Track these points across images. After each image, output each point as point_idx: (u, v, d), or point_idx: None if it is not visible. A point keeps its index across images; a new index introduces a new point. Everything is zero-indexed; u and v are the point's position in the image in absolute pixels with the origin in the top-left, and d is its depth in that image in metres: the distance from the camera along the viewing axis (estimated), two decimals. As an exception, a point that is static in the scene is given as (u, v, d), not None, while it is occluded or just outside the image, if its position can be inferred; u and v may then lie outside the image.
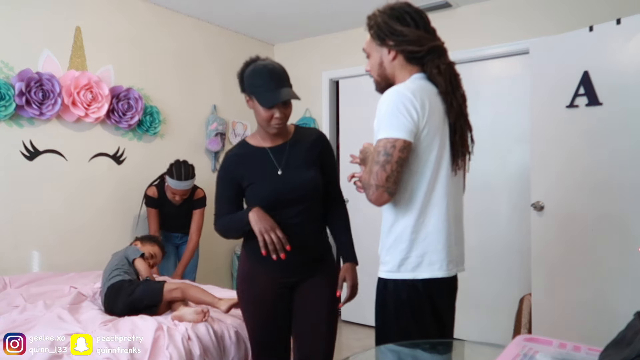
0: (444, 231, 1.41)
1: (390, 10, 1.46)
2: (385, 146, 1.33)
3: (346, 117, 4.13)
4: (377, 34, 1.47)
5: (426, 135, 1.37)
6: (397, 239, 1.42)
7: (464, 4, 3.44)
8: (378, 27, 1.46)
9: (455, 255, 1.46)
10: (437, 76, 1.43)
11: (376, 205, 1.40)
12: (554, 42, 2.77)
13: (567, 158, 2.71)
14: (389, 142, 1.33)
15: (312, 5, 3.54)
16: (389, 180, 1.34)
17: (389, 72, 1.49)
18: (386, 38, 1.45)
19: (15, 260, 2.75)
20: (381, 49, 1.48)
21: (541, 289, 2.80)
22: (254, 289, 1.74)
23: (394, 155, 1.32)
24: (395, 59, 1.46)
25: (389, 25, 1.44)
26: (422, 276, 1.39)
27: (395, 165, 1.33)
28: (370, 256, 3.71)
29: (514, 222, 3.30)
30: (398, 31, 1.43)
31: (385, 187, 1.34)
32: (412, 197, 1.40)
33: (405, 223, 1.41)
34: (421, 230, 1.40)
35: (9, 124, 2.71)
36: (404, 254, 1.40)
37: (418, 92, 1.37)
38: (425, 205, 1.40)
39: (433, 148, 1.39)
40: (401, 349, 1.37)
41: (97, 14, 3.12)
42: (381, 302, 1.46)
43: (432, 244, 1.40)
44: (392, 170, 1.33)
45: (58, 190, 2.94)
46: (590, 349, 1.04)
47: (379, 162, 1.34)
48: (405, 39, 1.42)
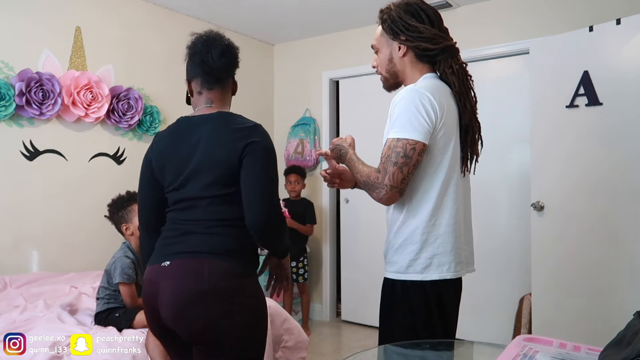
0: (453, 233, 1.41)
1: (406, 5, 1.44)
2: (405, 148, 1.31)
3: (346, 117, 4.13)
4: (390, 28, 1.45)
5: (442, 136, 1.37)
6: (406, 240, 1.41)
7: (464, 4, 3.44)
8: (392, 20, 1.44)
9: (463, 257, 1.45)
10: (450, 76, 1.42)
11: (385, 204, 1.40)
12: (554, 42, 2.77)
13: (567, 158, 2.71)
14: (409, 144, 1.31)
15: (312, 5, 3.53)
16: (404, 182, 1.33)
17: (398, 69, 1.48)
18: (400, 33, 1.43)
19: (15, 260, 2.75)
20: (392, 44, 1.46)
21: (541, 289, 2.80)
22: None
23: (413, 158, 1.31)
24: (405, 55, 1.45)
25: (404, 20, 1.42)
26: (431, 277, 1.38)
27: (413, 168, 1.33)
28: (370, 256, 3.72)
29: (514, 222, 3.30)
30: (413, 27, 1.41)
31: (399, 189, 1.34)
32: (424, 199, 1.39)
33: (416, 224, 1.40)
34: (432, 232, 1.39)
35: (9, 124, 2.71)
36: (413, 255, 1.39)
37: (437, 93, 1.36)
38: (437, 207, 1.39)
39: (448, 150, 1.39)
40: (403, 349, 1.37)
41: (97, 14, 3.12)
42: (388, 302, 1.45)
43: (442, 246, 1.39)
44: (409, 173, 1.33)
45: (58, 190, 2.93)
46: (590, 349, 1.04)
47: (397, 163, 1.31)
48: (420, 35, 1.41)
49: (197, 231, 1.35)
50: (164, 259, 1.35)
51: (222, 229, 1.35)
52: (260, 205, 1.32)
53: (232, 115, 1.43)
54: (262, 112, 4.31)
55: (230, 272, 1.32)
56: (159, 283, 1.32)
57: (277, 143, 4.42)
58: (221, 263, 1.31)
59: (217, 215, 1.35)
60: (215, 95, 1.47)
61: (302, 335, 2.56)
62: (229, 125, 1.38)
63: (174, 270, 1.32)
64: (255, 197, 1.32)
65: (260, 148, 1.34)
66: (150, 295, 1.35)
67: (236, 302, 1.32)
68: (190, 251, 1.33)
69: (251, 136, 1.35)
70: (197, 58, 1.45)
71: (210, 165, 1.35)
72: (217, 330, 1.30)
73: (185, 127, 1.45)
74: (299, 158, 4.16)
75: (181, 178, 1.38)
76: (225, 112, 1.44)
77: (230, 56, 1.45)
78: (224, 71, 1.46)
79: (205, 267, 1.30)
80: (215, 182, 1.34)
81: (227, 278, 1.31)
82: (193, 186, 1.36)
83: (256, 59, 4.32)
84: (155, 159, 1.45)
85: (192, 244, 1.33)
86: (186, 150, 1.39)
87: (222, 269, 1.31)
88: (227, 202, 1.35)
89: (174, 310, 1.30)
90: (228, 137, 1.35)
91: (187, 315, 1.30)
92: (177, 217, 1.39)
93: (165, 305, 1.31)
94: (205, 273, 1.29)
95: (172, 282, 1.31)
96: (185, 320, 1.31)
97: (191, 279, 1.29)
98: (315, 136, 4.14)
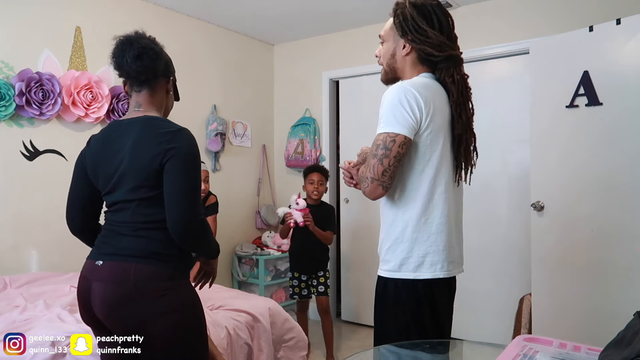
0: (445, 232, 1.41)
1: (422, 5, 1.43)
2: (385, 140, 1.33)
3: (346, 117, 4.13)
4: (400, 25, 1.45)
5: (429, 133, 1.37)
6: (397, 238, 1.41)
7: (464, 4, 3.44)
8: (404, 18, 1.44)
9: (455, 256, 1.46)
10: (450, 85, 1.42)
11: (370, 198, 1.40)
12: (554, 42, 2.77)
13: (567, 158, 2.71)
14: (389, 136, 1.33)
15: (312, 5, 3.53)
16: (384, 175, 1.34)
17: (398, 66, 1.48)
18: (408, 32, 1.43)
19: (15, 260, 2.75)
20: (399, 40, 1.46)
21: (541, 289, 2.80)
22: None
23: (393, 150, 1.32)
24: (409, 54, 1.45)
25: (415, 20, 1.42)
26: (423, 276, 1.39)
27: (393, 160, 1.33)
28: (370, 256, 3.72)
29: (514, 222, 3.30)
30: (422, 30, 1.41)
31: (380, 181, 1.34)
32: (413, 196, 1.40)
33: (406, 221, 1.40)
34: (423, 230, 1.39)
35: (9, 124, 2.71)
36: (405, 254, 1.40)
37: (423, 90, 1.36)
38: (427, 205, 1.39)
39: (436, 147, 1.39)
40: (401, 350, 1.37)
41: (97, 14, 3.12)
42: (381, 301, 1.46)
43: (435, 244, 1.40)
44: (389, 165, 1.33)
45: (58, 190, 2.91)
46: (590, 349, 1.04)
47: (377, 155, 1.34)
48: (427, 40, 1.41)
49: (126, 233, 1.39)
50: (98, 257, 1.40)
51: (148, 231, 1.38)
52: (178, 211, 1.34)
53: (157, 120, 1.44)
54: (262, 112, 4.30)
55: (156, 275, 1.36)
56: (91, 282, 1.39)
57: (277, 143, 4.44)
58: (146, 267, 1.35)
59: (143, 217, 1.39)
60: (144, 98, 1.48)
61: (302, 335, 2.57)
62: (153, 130, 1.39)
63: (104, 272, 1.37)
64: (173, 202, 1.35)
65: (181, 153, 1.36)
66: (83, 289, 1.42)
67: (163, 304, 1.35)
68: (119, 254, 1.37)
69: (173, 141, 1.36)
70: (114, 62, 1.46)
71: (134, 170, 1.37)
72: (145, 333, 1.34)
73: (115, 131, 1.46)
74: (299, 158, 4.16)
75: (111, 182, 1.42)
76: (151, 117, 1.44)
77: (148, 59, 1.43)
78: (143, 74, 1.44)
79: (131, 271, 1.34)
80: (140, 186, 1.37)
81: (153, 281, 1.35)
82: (121, 190, 1.40)
83: (256, 59, 4.32)
84: (88, 164, 1.49)
85: (121, 246, 1.38)
86: (114, 155, 1.41)
87: (148, 273, 1.35)
88: (153, 205, 1.38)
89: (104, 312, 1.36)
90: (152, 142, 1.37)
91: (116, 318, 1.36)
92: (111, 219, 1.45)
93: (96, 306, 1.37)
94: (131, 277, 1.33)
95: (102, 284, 1.36)
96: (114, 322, 1.37)
97: (118, 283, 1.34)
98: (315, 136, 4.13)
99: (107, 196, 1.45)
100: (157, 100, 1.50)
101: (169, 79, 1.54)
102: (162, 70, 1.49)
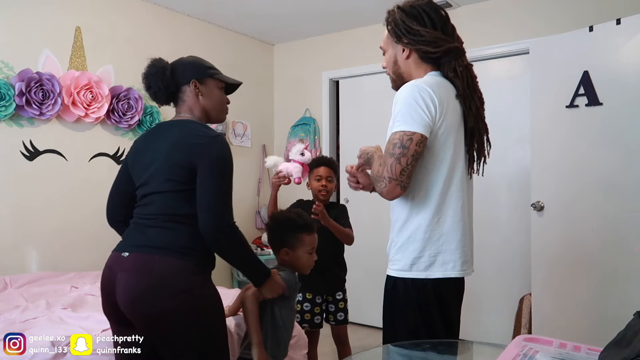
0: (459, 231, 1.40)
1: (409, 7, 1.45)
2: (402, 139, 1.31)
3: (346, 117, 4.13)
4: (393, 31, 1.46)
5: (442, 132, 1.36)
6: (410, 238, 1.40)
7: (464, 4, 3.44)
8: (395, 24, 1.45)
9: (468, 256, 1.44)
10: (454, 79, 1.42)
11: (387, 198, 1.38)
12: (554, 42, 2.77)
13: (567, 158, 2.71)
14: (405, 135, 1.31)
15: (312, 5, 3.53)
16: (403, 174, 1.31)
17: (403, 70, 1.49)
18: (402, 36, 1.44)
19: (15, 260, 2.75)
20: (396, 47, 1.47)
21: (541, 289, 2.80)
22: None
23: (411, 149, 1.30)
24: (409, 57, 1.46)
25: (405, 23, 1.43)
26: (434, 276, 1.38)
27: (411, 159, 1.31)
28: (371, 256, 3.72)
29: (514, 222, 3.30)
30: (414, 30, 1.42)
31: (398, 181, 1.32)
32: (427, 195, 1.39)
33: (419, 222, 1.39)
34: (436, 229, 1.38)
35: (9, 124, 2.71)
36: (416, 253, 1.38)
37: (437, 88, 1.36)
38: (441, 204, 1.39)
39: (449, 146, 1.38)
40: (402, 349, 1.37)
41: (97, 14, 3.12)
42: (390, 301, 1.44)
43: (446, 244, 1.39)
44: (407, 164, 1.31)
45: (58, 190, 2.94)
46: (590, 349, 1.04)
47: (394, 154, 1.31)
48: (421, 39, 1.41)
49: (152, 225, 1.43)
50: (124, 249, 1.43)
51: (174, 224, 1.41)
52: (206, 214, 1.38)
53: (193, 124, 1.52)
54: (262, 112, 4.30)
55: (179, 268, 1.38)
56: (116, 273, 1.41)
57: (277, 143, 4.43)
58: (171, 259, 1.37)
59: (170, 210, 1.42)
60: (177, 108, 1.59)
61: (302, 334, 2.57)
62: (192, 132, 1.47)
63: (129, 263, 1.39)
64: (201, 204, 1.39)
65: (215, 158, 1.42)
66: (107, 280, 1.44)
67: (185, 298, 1.37)
68: (144, 245, 1.40)
69: (209, 146, 1.42)
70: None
71: (167, 165, 1.43)
72: (166, 325, 1.37)
73: (157, 130, 1.57)
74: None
75: (145, 175, 1.48)
76: (188, 120, 1.54)
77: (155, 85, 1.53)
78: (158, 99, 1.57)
79: (155, 263, 1.37)
80: (170, 179, 1.43)
81: (177, 274, 1.37)
82: (153, 183, 1.45)
83: (256, 59, 4.32)
84: (130, 157, 1.58)
85: (147, 238, 1.41)
86: (155, 151, 1.48)
87: (172, 266, 1.37)
88: (181, 199, 1.42)
89: (127, 303, 1.38)
90: (189, 143, 1.44)
91: (138, 308, 1.37)
92: (139, 212, 1.49)
93: (120, 297, 1.39)
94: (155, 269, 1.36)
95: (127, 274, 1.38)
96: (136, 313, 1.38)
97: (142, 274, 1.37)
98: (315, 136, 4.13)
99: (140, 188, 1.50)
100: (187, 106, 1.57)
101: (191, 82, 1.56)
102: (174, 83, 1.55)
